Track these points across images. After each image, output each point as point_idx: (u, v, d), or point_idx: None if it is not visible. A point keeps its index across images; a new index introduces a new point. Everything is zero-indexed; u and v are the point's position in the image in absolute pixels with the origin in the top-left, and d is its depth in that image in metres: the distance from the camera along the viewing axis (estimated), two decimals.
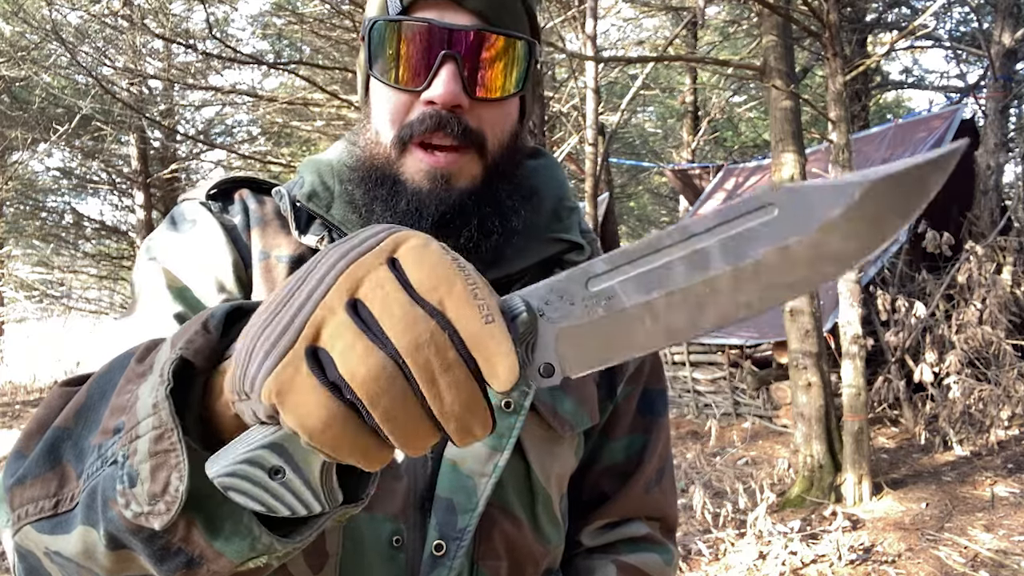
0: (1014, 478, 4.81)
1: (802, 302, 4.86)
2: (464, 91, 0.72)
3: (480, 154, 0.75)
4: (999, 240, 5.87)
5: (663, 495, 0.93)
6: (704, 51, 13.57)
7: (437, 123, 0.72)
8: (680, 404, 7.54)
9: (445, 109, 0.72)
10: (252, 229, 0.82)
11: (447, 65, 0.72)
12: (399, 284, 0.38)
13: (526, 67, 0.76)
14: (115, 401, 0.51)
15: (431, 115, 0.72)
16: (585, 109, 9.69)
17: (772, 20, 4.95)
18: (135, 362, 0.52)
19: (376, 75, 0.75)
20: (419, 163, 0.74)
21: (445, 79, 0.71)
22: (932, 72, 16.63)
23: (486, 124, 0.75)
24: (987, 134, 7.64)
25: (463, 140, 0.73)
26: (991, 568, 3.66)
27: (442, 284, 0.38)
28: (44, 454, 0.53)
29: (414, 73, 0.73)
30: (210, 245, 0.80)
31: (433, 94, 0.72)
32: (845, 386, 4.63)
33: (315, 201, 0.81)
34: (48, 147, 11.78)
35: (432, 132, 0.73)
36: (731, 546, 4.06)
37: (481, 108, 0.75)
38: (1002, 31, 7.69)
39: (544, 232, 0.84)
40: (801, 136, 5.01)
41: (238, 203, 0.84)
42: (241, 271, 0.80)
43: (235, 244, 0.81)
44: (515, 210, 0.79)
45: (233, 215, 0.83)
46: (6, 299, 13.45)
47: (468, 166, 0.75)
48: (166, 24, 8.58)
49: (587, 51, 8.95)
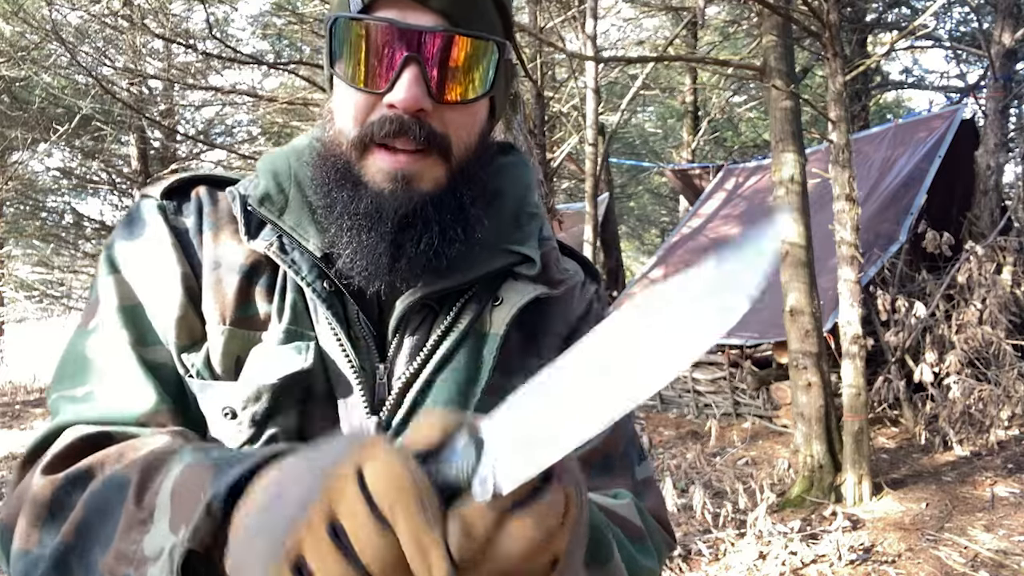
0: (1014, 478, 4.81)
1: (802, 302, 4.86)
2: (428, 94, 0.70)
3: (444, 158, 0.73)
4: (999, 240, 5.87)
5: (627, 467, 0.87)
6: (704, 51, 13.56)
7: (399, 128, 0.70)
8: (680, 404, 7.54)
9: (407, 113, 0.70)
10: (204, 232, 0.79)
11: (409, 68, 0.69)
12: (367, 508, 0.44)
13: (495, 67, 0.73)
14: (119, 546, 0.56)
15: (392, 119, 0.70)
16: (585, 109, 9.68)
17: (772, 20, 4.95)
18: (133, 500, 0.57)
19: (338, 74, 0.73)
20: (380, 163, 0.72)
21: (407, 83, 0.69)
22: (932, 72, 16.64)
23: (452, 128, 0.73)
24: (987, 134, 7.64)
25: (426, 145, 0.71)
26: (991, 568, 3.66)
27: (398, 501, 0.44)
28: (53, 568, 0.60)
29: (375, 74, 0.71)
30: (159, 256, 0.77)
31: (394, 98, 0.69)
32: (845, 386, 4.63)
33: (267, 205, 0.77)
34: (48, 147, 11.78)
35: (394, 137, 0.70)
36: (731, 546, 4.06)
37: (446, 111, 0.72)
38: (1002, 31, 7.69)
39: (500, 241, 0.81)
40: (801, 136, 5.01)
41: (193, 202, 0.81)
42: (191, 281, 0.77)
43: (185, 252, 0.78)
44: (479, 218, 0.76)
45: (187, 216, 0.80)
46: (6, 299, 13.45)
47: (431, 169, 0.72)
48: (166, 24, 8.58)
49: (587, 51, 8.95)
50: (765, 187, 8.39)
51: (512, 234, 0.82)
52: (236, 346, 0.74)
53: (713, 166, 10.88)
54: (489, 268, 0.80)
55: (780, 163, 4.92)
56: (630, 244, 22.16)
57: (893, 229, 6.90)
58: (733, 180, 10.04)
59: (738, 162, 10.88)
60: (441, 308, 0.79)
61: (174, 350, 0.75)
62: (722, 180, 10.19)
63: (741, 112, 15.61)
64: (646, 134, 19.63)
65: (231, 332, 0.75)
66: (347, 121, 0.74)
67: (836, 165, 4.56)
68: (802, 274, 4.88)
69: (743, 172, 10.03)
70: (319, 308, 0.75)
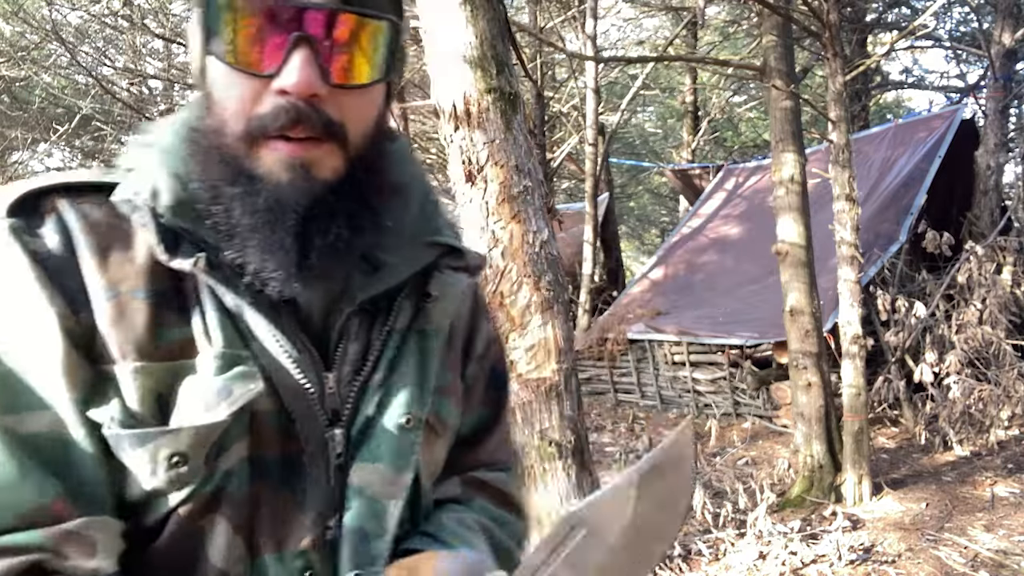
0: (1014, 478, 4.81)
1: (802, 302, 4.86)
2: (322, 78, 0.63)
3: (342, 146, 0.67)
4: (999, 240, 5.87)
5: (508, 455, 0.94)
6: (704, 51, 13.57)
7: (295, 118, 0.63)
8: (680, 404, 7.54)
9: (301, 99, 0.63)
10: (82, 256, 0.64)
11: (301, 49, 0.62)
12: None
13: (391, 50, 0.68)
14: None
15: (287, 109, 0.63)
16: (585, 109, 9.70)
17: (772, 20, 4.95)
18: None
19: (215, 54, 0.64)
20: (275, 153, 0.64)
21: (299, 65, 0.62)
22: (932, 72, 16.64)
23: (347, 114, 0.66)
24: (987, 134, 7.64)
25: (323, 133, 0.65)
26: (991, 568, 3.66)
27: None
28: None
29: (262, 56, 0.63)
30: (21, 296, 0.62)
31: (286, 82, 0.62)
32: (845, 386, 4.63)
33: (183, 214, 0.66)
34: (48, 147, 11.78)
35: (291, 127, 0.63)
36: (731, 546, 4.06)
37: (341, 96, 0.65)
38: (1002, 31, 7.70)
39: (419, 234, 0.78)
40: (801, 136, 5.01)
41: (52, 220, 0.65)
42: (70, 322, 0.62)
43: (56, 285, 0.63)
44: (387, 209, 0.72)
45: (47, 237, 0.64)
46: None
47: (328, 158, 0.66)
48: (166, 24, 8.59)
49: (587, 51, 8.96)
50: (765, 187, 8.39)
51: (427, 225, 0.79)
52: (157, 383, 0.64)
53: (713, 166, 10.88)
54: (420, 264, 0.77)
55: (780, 163, 4.92)
56: (630, 244, 22.16)
57: (893, 229, 6.90)
58: (733, 180, 10.04)
59: (738, 162, 10.88)
60: (377, 311, 0.76)
61: (70, 409, 0.61)
62: (722, 180, 10.19)
63: (741, 112, 15.62)
64: (646, 134, 19.64)
65: (147, 369, 0.63)
66: (230, 111, 0.65)
67: (836, 165, 4.56)
68: (802, 274, 4.88)
69: (743, 172, 10.03)
70: (260, 323, 0.67)
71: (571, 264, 10.07)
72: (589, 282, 9.41)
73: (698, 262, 9.06)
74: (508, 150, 2.24)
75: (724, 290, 8.08)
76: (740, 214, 9.33)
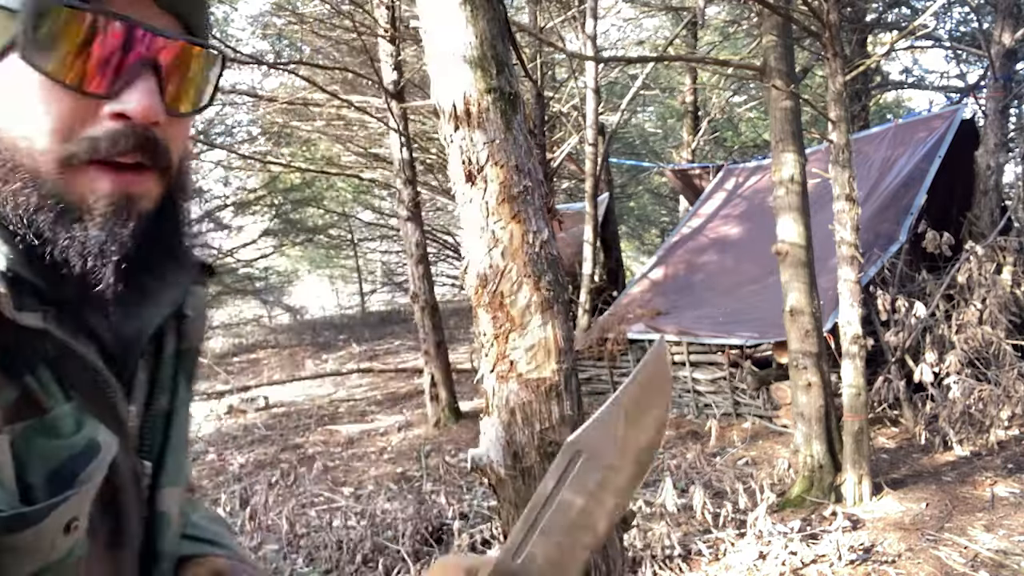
0: (1014, 478, 4.81)
1: (802, 302, 4.86)
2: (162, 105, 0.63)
3: (164, 174, 0.65)
4: (999, 240, 5.86)
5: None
6: (704, 51, 13.57)
7: (136, 144, 0.60)
8: (680, 404, 7.54)
9: (141, 127, 0.61)
10: None
11: (147, 75, 0.61)
12: None
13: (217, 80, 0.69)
14: None
15: (127, 134, 0.60)
16: (585, 109, 9.70)
17: (772, 20, 4.95)
18: None
19: (37, 64, 0.57)
20: (99, 185, 0.60)
21: (146, 91, 0.60)
22: (932, 72, 16.65)
23: (172, 140, 0.65)
24: (987, 134, 7.64)
25: (153, 160, 0.63)
26: (991, 568, 3.66)
27: None
28: None
29: (98, 75, 0.59)
30: None
31: (128, 107, 0.60)
32: (845, 386, 4.63)
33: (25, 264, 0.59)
34: None
35: (124, 154, 0.60)
36: (731, 546, 4.06)
37: (171, 123, 0.65)
38: (1002, 31, 7.69)
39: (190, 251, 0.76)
40: (801, 136, 5.01)
41: None
42: None
43: None
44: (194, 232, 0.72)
45: None
46: None
47: (153, 187, 0.64)
48: None
49: (587, 51, 8.96)
50: (765, 187, 8.39)
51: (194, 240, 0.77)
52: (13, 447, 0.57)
53: (713, 166, 10.88)
54: (188, 281, 0.75)
55: (780, 163, 4.92)
56: (630, 244, 22.16)
57: (893, 229, 6.90)
58: (733, 180, 10.04)
59: (738, 162, 10.88)
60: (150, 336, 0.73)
61: None
62: (722, 180, 10.19)
63: (741, 112, 15.63)
64: (646, 134, 19.64)
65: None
66: (42, 129, 0.58)
67: (836, 165, 4.56)
68: (802, 274, 4.88)
69: (743, 172, 10.03)
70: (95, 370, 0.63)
71: (571, 264, 10.07)
72: (589, 282, 9.41)
73: (698, 262, 9.06)
74: (508, 150, 2.24)
75: (724, 290, 8.08)
76: (740, 214, 9.33)
